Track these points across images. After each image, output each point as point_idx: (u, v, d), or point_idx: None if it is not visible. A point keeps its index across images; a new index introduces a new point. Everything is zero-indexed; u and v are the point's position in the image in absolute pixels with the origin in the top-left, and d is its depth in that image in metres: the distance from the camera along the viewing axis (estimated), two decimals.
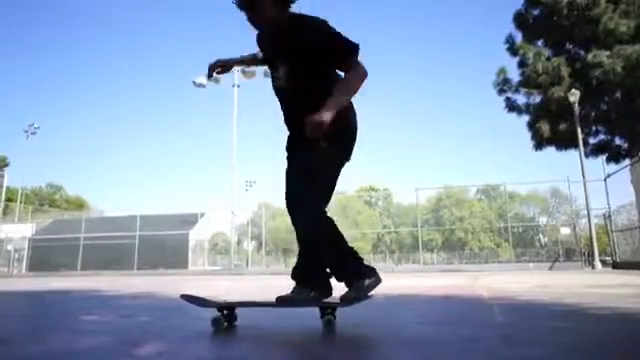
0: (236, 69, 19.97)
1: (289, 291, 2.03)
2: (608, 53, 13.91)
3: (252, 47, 2.29)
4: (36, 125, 32.01)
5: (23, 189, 35.04)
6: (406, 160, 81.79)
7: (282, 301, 1.98)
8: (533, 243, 49.51)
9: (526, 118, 16.59)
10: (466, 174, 71.60)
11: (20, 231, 25.03)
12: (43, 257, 22.63)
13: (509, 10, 16.44)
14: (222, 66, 2.25)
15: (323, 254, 2.06)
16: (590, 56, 14.22)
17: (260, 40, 2.20)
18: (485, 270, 13.63)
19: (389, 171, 78.05)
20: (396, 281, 6.79)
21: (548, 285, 5.12)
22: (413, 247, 42.88)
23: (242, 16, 1.95)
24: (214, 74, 2.25)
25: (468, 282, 6.17)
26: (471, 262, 37.36)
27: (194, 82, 19.77)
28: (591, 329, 1.98)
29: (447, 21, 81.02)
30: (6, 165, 39.27)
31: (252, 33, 2.13)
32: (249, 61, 2.36)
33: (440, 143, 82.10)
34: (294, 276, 2.08)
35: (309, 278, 2.05)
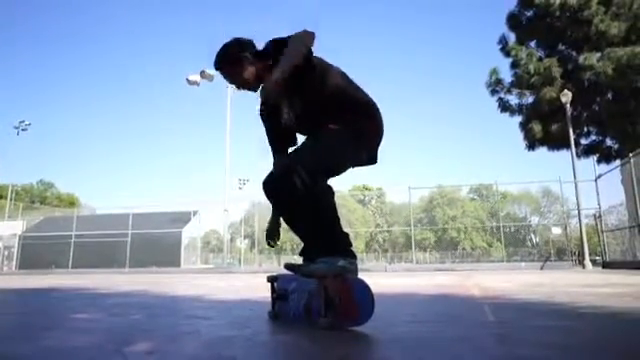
0: None
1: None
2: (599, 55, 14.03)
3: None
4: (27, 122, 31.65)
5: (13, 186, 34.66)
6: (399, 159, 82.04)
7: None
8: (525, 243, 49.93)
9: (518, 118, 16.74)
10: (459, 173, 72.12)
11: (10, 228, 24.73)
12: (34, 255, 22.37)
13: (503, 11, 16.55)
14: (276, 236, 2.34)
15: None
16: (581, 58, 14.35)
17: None
18: (477, 269, 13.70)
19: (382, 170, 78.28)
20: (388, 280, 6.81)
21: (539, 284, 5.16)
22: (406, 246, 43.02)
23: (237, 14, 1.95)
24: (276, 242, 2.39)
25: (460, 281, 6.20)
26: (463, 261, 37.61)
27: (188, 80, 19.68)
28: (586, 328, 1.98)
29: (441, 21, 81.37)
30: None
31: (246, 30, 2.13)
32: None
33: (433, 142, 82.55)
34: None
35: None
